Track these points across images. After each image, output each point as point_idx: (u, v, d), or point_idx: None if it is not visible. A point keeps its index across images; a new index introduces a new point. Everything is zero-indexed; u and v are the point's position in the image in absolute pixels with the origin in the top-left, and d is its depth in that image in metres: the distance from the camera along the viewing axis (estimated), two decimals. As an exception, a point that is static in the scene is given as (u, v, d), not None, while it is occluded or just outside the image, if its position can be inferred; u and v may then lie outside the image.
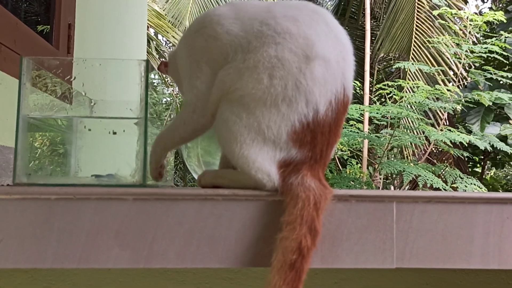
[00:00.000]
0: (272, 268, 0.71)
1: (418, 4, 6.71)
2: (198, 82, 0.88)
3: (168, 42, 9.41)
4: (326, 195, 0.75)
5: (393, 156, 5.16)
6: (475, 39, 5.96)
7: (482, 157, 7.87)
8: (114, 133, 0.96)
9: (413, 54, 6.56)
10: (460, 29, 5.51)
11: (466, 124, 6.70)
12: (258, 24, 0.82)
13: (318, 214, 0.73)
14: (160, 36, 9.02)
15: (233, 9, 0.88)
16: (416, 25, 6.66)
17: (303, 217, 0.72)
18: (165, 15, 8.06)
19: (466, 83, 5.12)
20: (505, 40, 4.27)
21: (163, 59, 1.07)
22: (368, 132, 5.12)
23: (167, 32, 7.90)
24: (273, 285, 0.70)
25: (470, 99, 3.98)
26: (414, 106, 4.14)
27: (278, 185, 0.77)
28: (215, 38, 0.85)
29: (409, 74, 6.14)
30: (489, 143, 4.04)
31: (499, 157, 7.82)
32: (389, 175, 5.91)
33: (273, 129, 0.78)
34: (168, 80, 10.01)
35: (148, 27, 4.98)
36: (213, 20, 0.87)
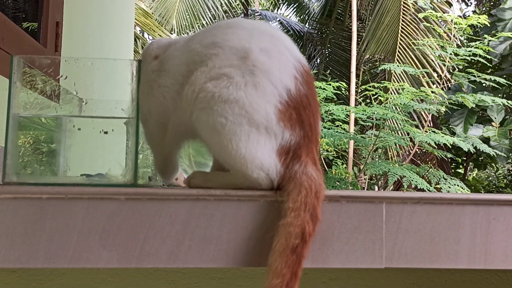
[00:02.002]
0: (274, 252, 0.73)
1: (403, 6, 6.76)
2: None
3: (154, 40, 9.36)
4: (322, 185, 0.78)
5: (377, 157, 5.20)
6: (459, 42, 6.04)
7: (465, 158, 7.98)
8: (105, 132, 0.96)
9: (398, 56, 6.62)
10: (445, 32, 5.57)
11: (450, 126, 6.80)
12: (193, 54, 0.88)
13: (319, 202, 0.76)
14: (146, 35, 8.97)
15: (178, 47, 0.95)
16: (402, 27, 6.72)
17: (306, 205, 0.74)
18: (152, 13, 8.02)
19: (450, 85, 5.19)
20: (488, 43, 4.33)
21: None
22: (354, 132, 5.15)
23: (154, 31, 7.86)
24: (274, 268, 0.72)
25: (454, 101, 4.03)
26: (399, 108, 4.18)
27: (280, 174, 0.79)
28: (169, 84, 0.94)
29: (394, 76, 6.19)
30: (472, 145, 4.10)
31: (482, 158, 7.94)
32: (374, 175, 5.96)
33: (260, 111, 0.79)
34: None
35: (134, 25, 4.95)
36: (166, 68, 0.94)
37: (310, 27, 10.03)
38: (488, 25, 5.23)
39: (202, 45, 0.87)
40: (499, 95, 6.74)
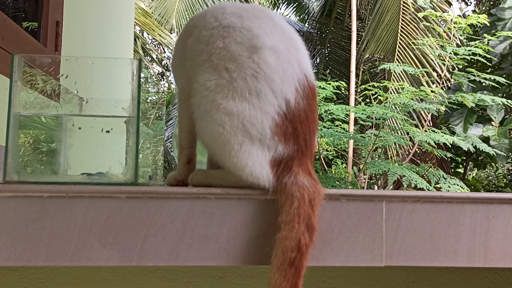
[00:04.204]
0: (272, 266, 0.73)
1: (403, 6, 6.76)
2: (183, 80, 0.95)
3: (154, 40, 9.37)
4: (318, 191, 0.77)
5: (377, 156, 5.20)
6: (459, 42, 6.04)
7: (465, 158, 7.98)
8: (107, 131, 0.96)
9: (398, 55, 6.62)
10: (444, 32, 5.57)
11: (450, 125, 6.80)
12: (209, 16, 0.89)
13: (314, 211, 0.75)
14: (146, 34, 8.97)
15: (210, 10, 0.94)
16: (401, 27, 6.72)
17: (300, 216, 0.74)
18: (152, 13, 8.01)
19: (449, 85, 5.19)
20: (488, 42, 4.33)
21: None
22: (354, 132, 5.15)
23: (153, 30, 7.85)
24: (273, 282, 0.72)
25: (453, 100, 4.03)
26: (399, 107, 4.18)
27: (272, 185, 0.78)
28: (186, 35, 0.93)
29: (394, 75, 6.19)
30: (472, 144, 4.10)
31: (481, 158, 7.94)
32: (374, 175, 5.96)
33: (257, 125, 0.79)
34: (154, 78, 9.95)
35: (134, 25, 4.95)
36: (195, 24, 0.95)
37: (309, 27, 10.02)
38: (488, 24, 5.24)
39: (225, 14, 0.88)
40: (499, 94, 6.75)
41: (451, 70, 5.01)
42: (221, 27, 0.86)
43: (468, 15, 4.78)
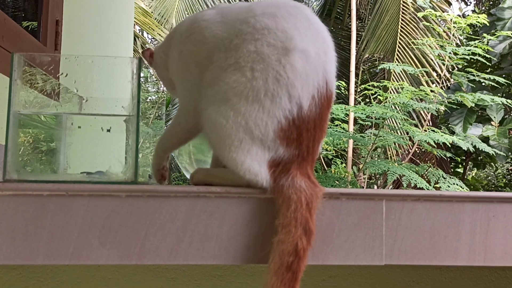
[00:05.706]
0: (269, 270, 0.72)
1: (403, 5, 6.77)
2: (189, 85, 0.91)
3: (154, 39, 9.36)
4: (317, 194, 0.76)
5: (377, 156, 5.21)
6: (458, 41, 6.05)
7: (464, 157, 7.99)
8: (108, 130, 0.96)
9: (397, 55, 6.62)
10: (444, 31, 5.58)
11: (449, 125, 6.80)
12: (239, 23, 0.84)
13: (311, 214, 0.74)
14: (145, 34, 8.97)
15: (219, 12, 0.90)
16: (401, 27, 6.72)
17: (297, 219, 0.73)
18: (151, 12, 8.01)
19: (449, 85, 5.19)
20: (487, 42, 4.33)
21: (148, 47, 1.06)
22: (353, 132, 5.15)
23: (153, 30, 7.84)
24: (270, 286, 0.71)
25: (453, 100, 4.03)
26: (399, 107, 4.18)
27: (269, 186, 0.78)
28: (203, 43, 0.88)
29: (393, 75, 6.19)
30: (472, 144, 4.10)
31: (481, 157, 7.95)
32: (373, 175, 5.97)
33: (261, 126, 0.78)
34: (154, 78, 9.95)
35: (134, 24, 4.95)
36: (202, 25, 0.89)
37: (309, 26, 9.99)
38: (488, 24, 5.25)
39: (256, 17, 0.83)
40: (499, 94, 6.75)
41: (450, 70, 5.01)
42: (255, 31, 0.81)
43: (468, 15, 4.78)
